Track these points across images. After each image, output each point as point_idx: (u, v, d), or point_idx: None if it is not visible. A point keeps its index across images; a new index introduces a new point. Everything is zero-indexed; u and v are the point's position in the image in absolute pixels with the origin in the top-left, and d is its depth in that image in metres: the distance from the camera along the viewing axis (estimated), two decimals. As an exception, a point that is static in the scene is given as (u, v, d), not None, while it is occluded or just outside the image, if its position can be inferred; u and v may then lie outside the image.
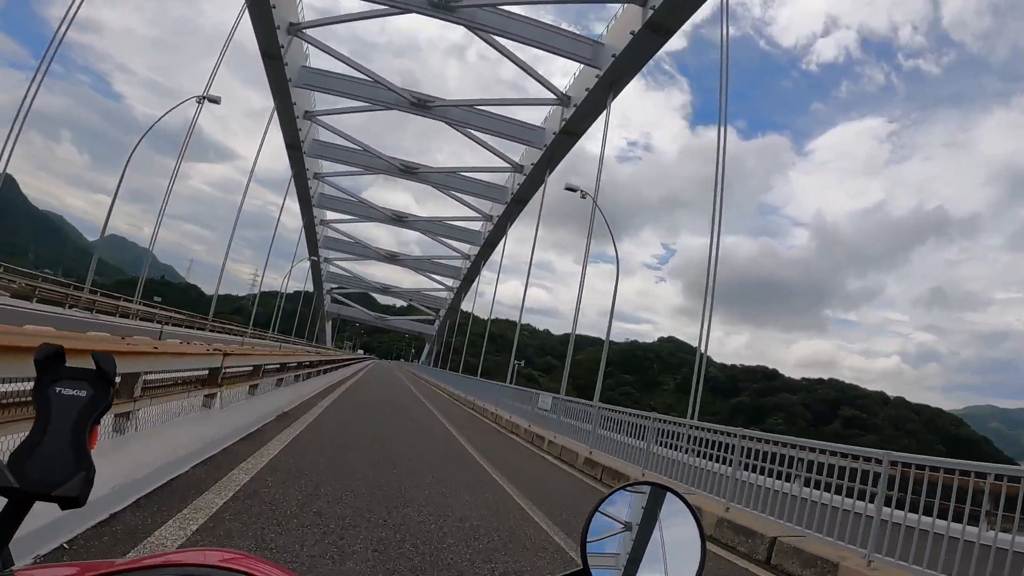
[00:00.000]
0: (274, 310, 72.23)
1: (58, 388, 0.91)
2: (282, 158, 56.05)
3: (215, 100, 34.63)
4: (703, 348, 24.70)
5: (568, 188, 31.55)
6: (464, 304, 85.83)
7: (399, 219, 70.01)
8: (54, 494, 0.85)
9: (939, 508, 6.14)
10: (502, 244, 59.96)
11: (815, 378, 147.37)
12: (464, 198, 63.26)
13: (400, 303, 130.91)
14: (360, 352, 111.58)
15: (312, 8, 53.13)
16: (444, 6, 36.51)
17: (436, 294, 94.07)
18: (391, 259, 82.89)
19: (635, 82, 42.28)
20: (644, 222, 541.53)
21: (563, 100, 45.82)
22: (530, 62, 45.05)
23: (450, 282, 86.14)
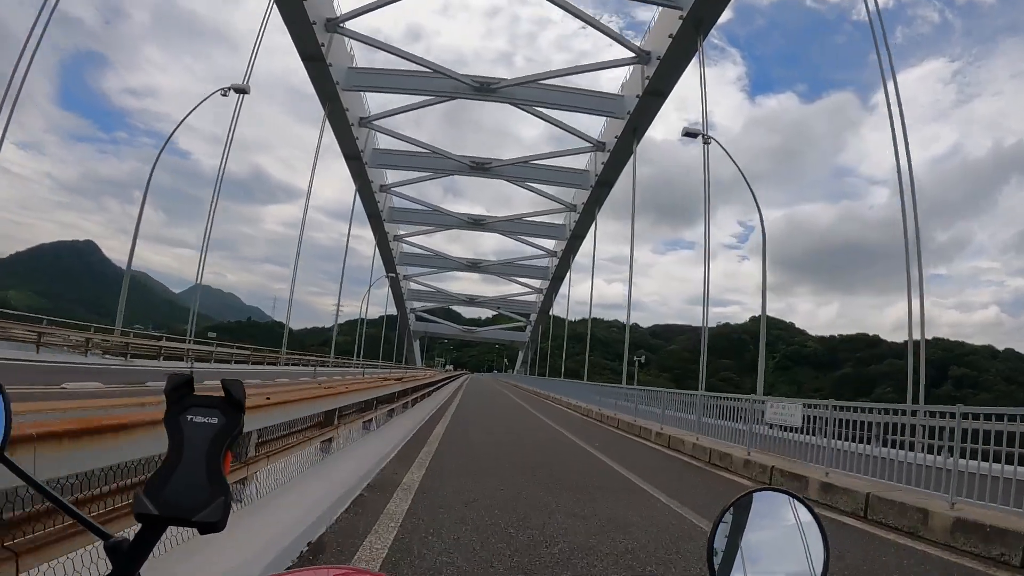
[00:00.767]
0: (357, 337, 68.76)
1: (189, 416, 0.91)
2: (352, 189, 53.00)
3: (243, 90, 30.30)
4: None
5: (687, 133, 26.19)
6: (554, 307, 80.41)
7: (477, 223, 65.12)
8: (194, 519, 0.86)
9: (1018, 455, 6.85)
10: (593, 230, 53.79)
11: (917, 340, 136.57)
12: (543, 189, 57.81)
13: (487, 313, 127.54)
14: (450, 368, 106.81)
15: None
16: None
17: (524, 299, 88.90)
18: (473, 267, 78.20)
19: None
20: (719, 202, 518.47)
21: (642, 57, 39.69)
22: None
23: (538, 283, 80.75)
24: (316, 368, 38.88)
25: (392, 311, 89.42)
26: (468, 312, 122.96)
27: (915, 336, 21.84)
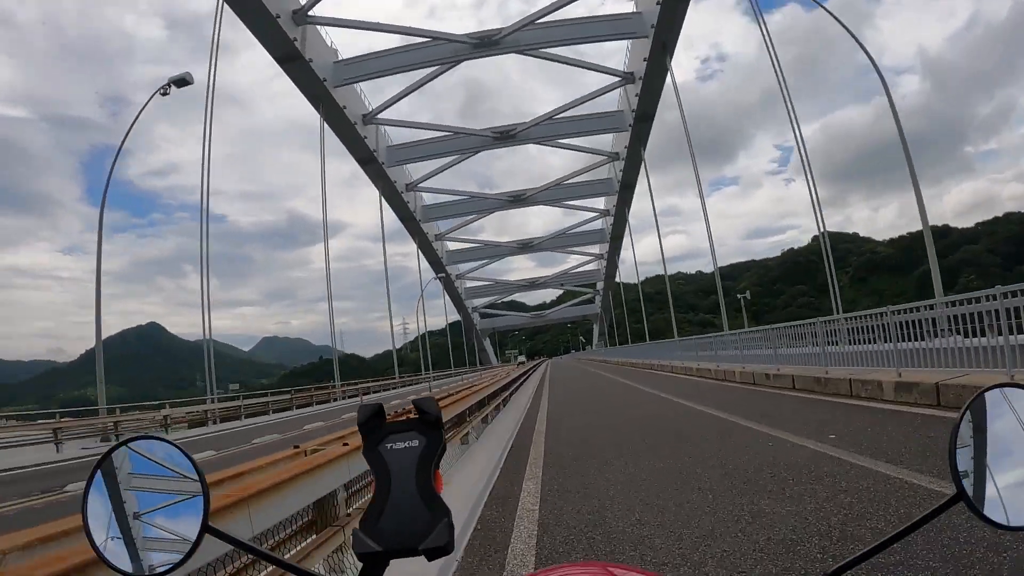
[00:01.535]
0: (426, 350, 65.07)
1: (388, 445, 0.90)
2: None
3: (185, 81, 25.21)
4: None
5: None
6: (619, 271, 75.08)
7: (517, 199, 60.09)
8: (421, 548, 0.84)
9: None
10: (644, 172, 48.06)
11: (990, 219, 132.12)
12: (578, 144, 52.76)
13: (552, 295, 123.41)
14: (523, 360, 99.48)
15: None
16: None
17: (586, 269, 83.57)
18: (525, 249, 73.12)
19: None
20: (752, 131, 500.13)
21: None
22: None
23: (596, 249, 75.23)
24: (363, 396, 34.78)
25: (453, 315, 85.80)
26: (533, 299, 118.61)
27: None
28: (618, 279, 77.67)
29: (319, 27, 35.75)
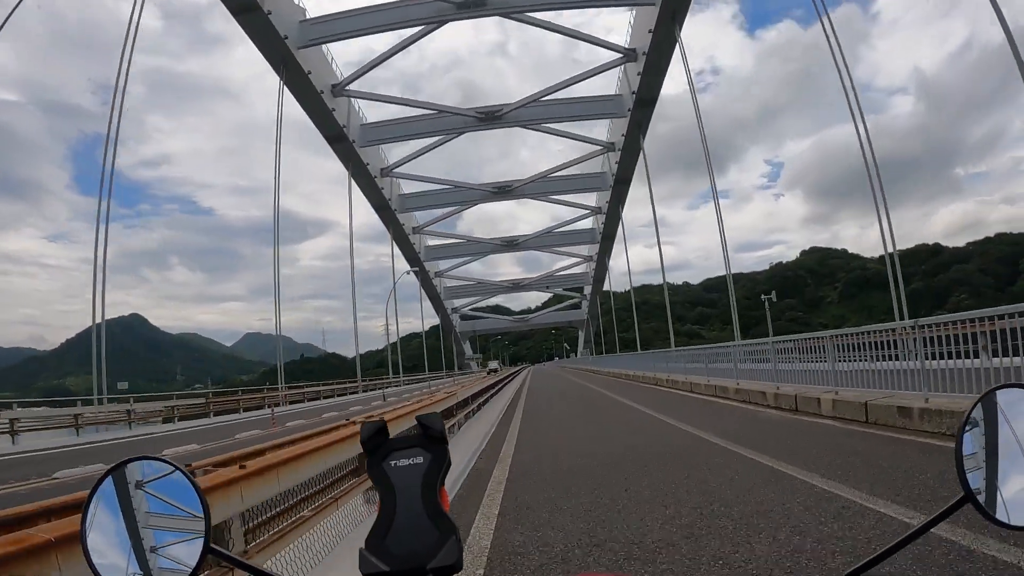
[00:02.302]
0: (406, 353, 60.39)
1: (392, 462, 0.88)
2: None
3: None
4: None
5: None
6: (608, 276, 70.55)
7: (503, 190, 55.30)
8: (430, 567, 0.82)
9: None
10: (642, 159, 43.55)
11: (981, 239, 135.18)
12: (571, 130, 48.30)
13: (538, 300, 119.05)
14: (495, 367, 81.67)
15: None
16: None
17: (574, 271, 78.95)
18: (509, 246, 68.34)
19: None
20: (745, 144, 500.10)
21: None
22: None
23: (586, 250, 70.73)
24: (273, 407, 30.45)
25: (435, 317, 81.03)
26: (518, 304, 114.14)
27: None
28: (607, 287, 73.48)
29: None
